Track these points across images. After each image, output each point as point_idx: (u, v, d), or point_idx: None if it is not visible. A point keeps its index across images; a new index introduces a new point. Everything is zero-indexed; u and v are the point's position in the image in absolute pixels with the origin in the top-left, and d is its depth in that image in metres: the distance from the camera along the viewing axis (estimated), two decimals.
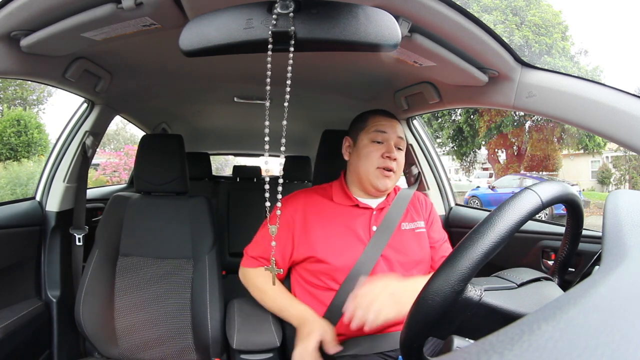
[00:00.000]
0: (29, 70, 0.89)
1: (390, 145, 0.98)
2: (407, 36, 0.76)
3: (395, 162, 0.98)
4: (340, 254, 0.94)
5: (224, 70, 1.27)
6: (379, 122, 1.01)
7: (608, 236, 0.38)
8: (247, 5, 0.55)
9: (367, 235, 0.97)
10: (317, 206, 1.01)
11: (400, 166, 1.00)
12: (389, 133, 0.99)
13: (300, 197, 1.03)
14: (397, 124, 1.02)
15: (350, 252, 0.94)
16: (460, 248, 0.47)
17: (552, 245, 1.07)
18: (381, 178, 0.98)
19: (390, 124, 1.01)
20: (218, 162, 15.87)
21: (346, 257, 0.93)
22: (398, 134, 1.00)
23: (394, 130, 1.00)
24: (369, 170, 0.98)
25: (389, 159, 0.97)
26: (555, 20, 13.85)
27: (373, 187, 0.99)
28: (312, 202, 1.02)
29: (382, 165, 0.97)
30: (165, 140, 1.27)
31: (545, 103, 0.85)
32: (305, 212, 0.99)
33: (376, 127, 1.00)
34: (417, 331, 0.49)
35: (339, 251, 0.94)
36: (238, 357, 0.92)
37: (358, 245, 0.95)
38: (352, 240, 0.96)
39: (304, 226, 0.97)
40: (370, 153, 0.98)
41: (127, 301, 1.13)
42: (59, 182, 1.33)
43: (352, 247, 0.95)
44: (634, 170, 13.77)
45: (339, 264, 0.93)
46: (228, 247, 2.22)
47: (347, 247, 0.95)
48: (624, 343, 0.20)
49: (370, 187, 0.99)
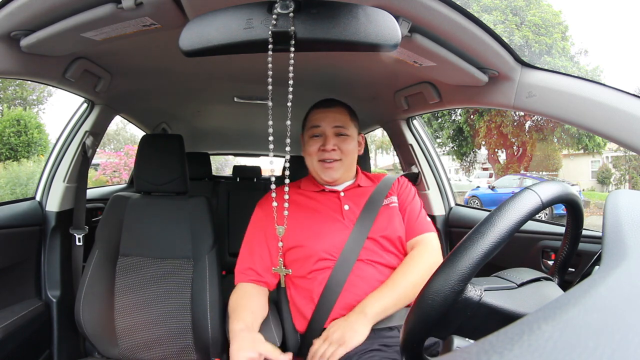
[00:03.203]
0: (29, 70, 0.89)
1: (326, 137, 1.01)
2: (407, 36, 0.76)
3: (335, 152, 1.00)
4: (316, 236, 0.96)
5: (224, 70, 1.27)
6: (313, 116, 1.04)
7: (608, 236, 0.38)
8: (247, 5, 0.55)
9: (341, 215, 1.00)
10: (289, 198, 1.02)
11: (347, 152, 1.02)
12: (323, 125, 1.01)
13: (267, 196, 1.06)
14: (334, 112, 1.03)
15: (326, 232, 0.97)
16: (460, 248, 0.47)
17: (552, 245, 1.07)
18: (324, 170, 1.01)
19: (324, 114, 1.02)
20: (218, 162, 15.87)
21: (324, 238, 0.96)
22: (335, 123, 1.01)
23: (328, 121, 1.01)
24: (313, 164, 1.03)
25: (325, 151, 1.00)
26: (555, 20, 13.85)
27: (321, 179, 1.04)
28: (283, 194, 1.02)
29: (321, 158, 1.01)
30: (165, 140, 1.27)
31: (545, 103, 0.85)
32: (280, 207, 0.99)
33: (311, 123, 1.03)
34: (417, 331, 0.49)
35: (315, 234, 0.97)
36: None
37: (334, 224, 0.98)
38: (327, 220, 0.99)
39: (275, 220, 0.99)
40: (309, 149, 1.03)
41: (127, 301, 1.13)
42: (59, 182, 1.33)
43: (327, 227, 0.97)
44: (634, 170, 13.78)
45: (320, 245, 0.95)
46: (228, 247, 2.23)
47: (322, 228, 0.97)
48: (624, 343, 0.20)
49: (321, 180, 1.04)
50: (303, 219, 0.99)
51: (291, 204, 0.98)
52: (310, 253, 0.96)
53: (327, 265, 0.94)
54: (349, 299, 0.91)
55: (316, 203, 1.03)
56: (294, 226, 0.96)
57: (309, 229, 0.98)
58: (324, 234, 0.97)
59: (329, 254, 0.95)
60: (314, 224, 0.99)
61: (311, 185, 1.07)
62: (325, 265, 0.95)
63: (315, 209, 1.02)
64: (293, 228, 0.96)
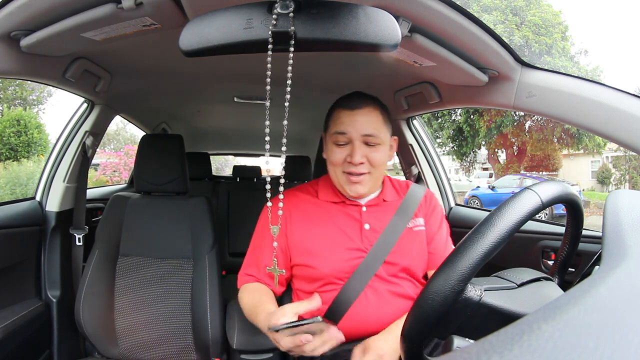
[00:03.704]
0: (29, 70, 0.89)
1: (354, 146, 0.85)
2: (407, 36, 0.76)
3: (364, 165, 0.85)
4: (327, 258, 0.87)
5: (224, 70, 1.27)
6: (339, 119, 0.87)
7: (608, 236, 0.38)
8: (247, 5, 0.55)
9: (359, 236, 0.89)
10: (302, 206, 0.93)
11: (377, 164, 0.87)
12: (350, 132, 0.85)
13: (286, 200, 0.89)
14: (364, 113, 0.86)
15: (339, 254, 0.88)
16: (460, 248, 0.47)
17: (552, 245, 1.07)
18: (350, 185, 0.87)
19: (352, 118, 0.85)
20: (218, 162, 15.87)
21: (336, 260, 0.87)
22: (365, 130, 0.85)
23: (357, 127, 0.85)
24: (336, 175, 0.89)
25: (351, 163, 0.85)
26: (555, 20, 13.85)
27: (344, 192, 0.90)
28: (296, 201, 0.94)
29: (347, 170, 0.86)
30: (165, 140, 1.27)
31: (545, 103, 0.85)
32: (290, 215, 0.92)
33: (336, 128, 0.87)
34: (417, 331, 0.49)
35: (327, 255, 0.88)
36: (238, 357, 0.92)
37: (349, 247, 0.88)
38: (341, 242, 0.88)
39: (291, 229, 0.91)
40: (333, 157, 0.88)
41: (127, 301, 1.13)
42: (59, 182, 1.33)
43: (342, 250, 0.88)
44: (634, 170, 13.78)
45: (328, 269, 0.87)
46: (228, 247, 2.22)
47: (335, 251, 0.88)
48: (624, 343, 0.20)
49: (344, 192, 0.91)
50: (316, 237, 0.89)
51: (306, 215, 0.92)
52: (320, 276, 0.88)
53: (334, 288, 0.87)
54: (354, 321, 0.85)
55: (333, 218, 0.91)
56: (306, 241, 0.89)
57: (321, 250, 0.88)
58: (337, 257, 0.87)
59: (338, 278, 0.87)
60: (327, 246, 0.88)
61: (331, 194, 0.94)
62: (332, 288, 0.87)
63: (332, 226, 0.90)
64: (304, 243, 0.89)
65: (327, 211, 0.92)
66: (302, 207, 0.93)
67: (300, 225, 0.91)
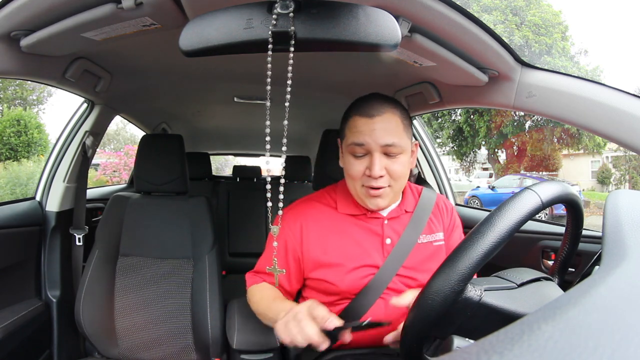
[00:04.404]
0: (29, 70, 0.89)
1: (372, 159, 0.79)
2: (407, 36, 0.76)
3: (384, 179, 0.80)
4: (347, 274, 0.84)
5: (224, 70, 1.27)
6: (356, 127, 0.80)
7: (608, 236, 0.38)
8: (247, 5, 0.55)
9: (380, 251, 0.85)
10: (319, 219, 0.89)
11: (398, 176, 0.81)
12: (369, 143, 0.78)
13: (300, 209, 0.91)
14: (383, 121, 0.79)
15: (359, 271, 0.84)
16: (460, 248, 0.47)
17: (552, 245, 1.07)
18: (370, 198, 0.83)
19: (370, 126, 0.78)
20: (218, 162, 15.87)
21: (355, 277, 0.84)
22: (384, 140, 0.78)
23: (375, 138, 0.78)
24: (355, 187, 0.84)
25: (371, 177, 0.79)
26: (555, 20, 13.86)
27: (364, 206, 0.86)
28: (314, 213, 0.90)
29: (366, 184, 0.81)
30: (165, 140, 1.27)
31: (545, 103, 0.85)
32: (307, 227, 0.88)
33: (353, 138, 0.80)
34: (417, 331, 0.49)
35: (347, 271, 0.84)
36: (238, 357, 0.92)
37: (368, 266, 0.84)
38: (361, 258, 0.84)
39: (307, 242, 0.87)
40: (351, 169, 0.82)
41: (127, 301, 1.13)
42: (59, 182, 1.33)
43: (360, 268, 0.84)
44: (634, 170, 13.78)
45: (346, 285, 0.84)
46: (228, 247, 2.23)
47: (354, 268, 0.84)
48: (624, 343, 0.20)
49: (362, 205, 0.87)
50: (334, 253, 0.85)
51: (323, 228, 0.87)
52: (337, 291, 0.85)
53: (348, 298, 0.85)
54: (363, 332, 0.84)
55: (354, 234, 0.86)
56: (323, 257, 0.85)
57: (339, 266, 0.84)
58: (355, 275, 0.84)
59: (353, 293, 0.84)
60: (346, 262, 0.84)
61: (351, 207, 0.89)
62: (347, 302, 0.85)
63: (351, 242, 0.86)
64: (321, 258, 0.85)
65: (346, 226, 0.87)
66: (320, 219, 0.89)
67: (317, 239, 0.87)
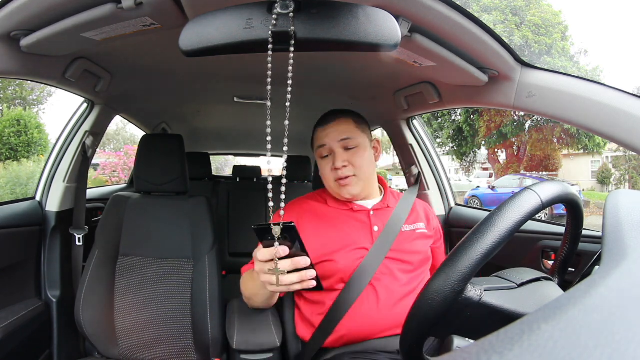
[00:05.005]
0: (29, 70, 0.89)
1: (334, 155, 0.96)
2: (407, 36, 0.76)
3: (347, 168, 0.95)
4: (343, 254, 0.92)
5: (224, 70, 1.27)
6: (318, 135, 1.00)
7: (608, 236, 0.38)
8: (247, 5, 0.55)
9: (369, 237, 0.95)
10: (313, 212, 0.99)
11: (359, 165, 0.96)
12: (328, 143, 0.97)
13: (295, 206, 1.02)
14: (336, 125, 0.97)
15: (351, 255, 0.92)
16: (460, 248, 0.47)
17: (552, 245, 1.07)
18: (341, 188, 0.96)
19: (326, 131, 0.98)
20: (218, 162, 15.87)
21: (349, 258, 0.91)
22: (339, 137, 0.96)
23: (332, 137, 0.96)
24: (330, 184, 0.99)
25: (337, 169, 0.95)
26: (555, 20, 13.86)
27: (342, 197, 0.98)
28: (307, 208, 1.00)
29: (336, 177, 0.96)
30: (165, 140, 1.27)
31: (545, 103, 0.85)
32: (302, 218, 0.97)
33: (317, 143, 1.00)
34: (417, 331, 0.49)
35: (342, 251, 0.92)
36: (238, 357, 0.92)
37: (360, 249, 0.93)
38: (352, 243, 0.93)
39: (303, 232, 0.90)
40: (323, 169, 0.99)
41: (127, 301, 1.13)
42: (59, 182, 1.33)
43: (353, 250, 0.92)
44: (634, 170, 13.78)
45: (342, 264, 0.91)
46: (228, 247, 2.22)
47: (348, 251, 0.92)
48: (624, 343, 0.20)
49: (343, 198, 0.99)
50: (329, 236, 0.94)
51: (321, 221, 0.97)
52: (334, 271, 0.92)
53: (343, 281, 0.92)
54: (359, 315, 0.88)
55: (343, 223, 0.97)
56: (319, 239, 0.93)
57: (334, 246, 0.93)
58: (350, 254, 0.92)
59: (348, 274, 0.91)
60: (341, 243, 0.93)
61: (339, 203, 1.01)
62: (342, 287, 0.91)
63: (343, 227, 0.96)
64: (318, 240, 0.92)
65: (337, 216, 0.98)
66: (312, 211, 1.00)
67: (311, 227, 0.95)
